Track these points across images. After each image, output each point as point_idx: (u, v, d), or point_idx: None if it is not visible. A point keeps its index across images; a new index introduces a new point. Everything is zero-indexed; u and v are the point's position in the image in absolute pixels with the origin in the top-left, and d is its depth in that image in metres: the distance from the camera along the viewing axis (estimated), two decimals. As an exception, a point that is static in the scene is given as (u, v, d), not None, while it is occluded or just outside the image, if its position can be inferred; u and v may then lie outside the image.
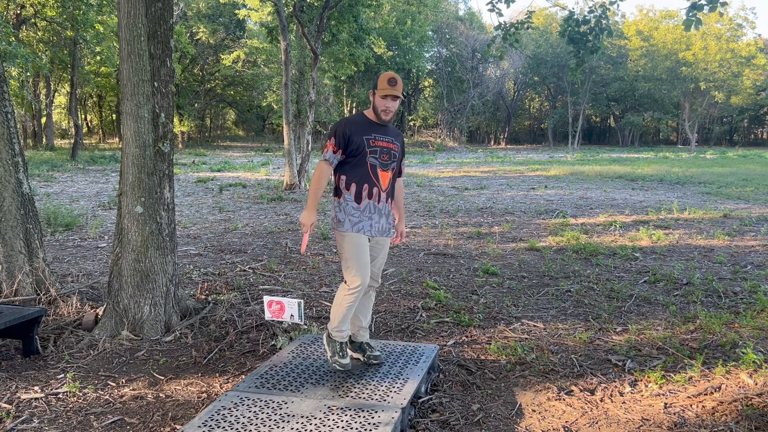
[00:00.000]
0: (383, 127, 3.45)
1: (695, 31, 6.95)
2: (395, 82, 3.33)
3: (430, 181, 17.32)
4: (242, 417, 2.82)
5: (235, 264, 6.61)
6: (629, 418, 3.14)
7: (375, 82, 3.37)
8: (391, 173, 3.46)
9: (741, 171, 21.90)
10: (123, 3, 4.11)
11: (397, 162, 3.49)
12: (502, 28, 8.57)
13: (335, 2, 14.68)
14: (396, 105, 3.38)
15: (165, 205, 4.37)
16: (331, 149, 3.35)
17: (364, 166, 3.36)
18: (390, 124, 3.49)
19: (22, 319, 3.77)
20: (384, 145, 3.40)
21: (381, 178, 3.41)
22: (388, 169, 3.44)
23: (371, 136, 3.37)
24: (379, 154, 3.39)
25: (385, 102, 3.34)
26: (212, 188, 14.72)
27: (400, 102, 3.42)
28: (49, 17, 23.09)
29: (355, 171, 3.36)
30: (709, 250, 7.54)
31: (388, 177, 3.45)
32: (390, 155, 3.43)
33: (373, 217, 3.41)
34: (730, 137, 60.27)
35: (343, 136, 3.33)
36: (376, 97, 3.36)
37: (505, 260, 6.93)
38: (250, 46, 35.92)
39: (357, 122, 3.39)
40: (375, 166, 3.38)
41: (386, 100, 3.34)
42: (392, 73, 3.38)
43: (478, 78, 49.48)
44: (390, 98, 3.34)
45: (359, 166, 3.36)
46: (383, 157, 3.40)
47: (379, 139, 3.39)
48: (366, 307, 3.62)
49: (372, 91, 3.39)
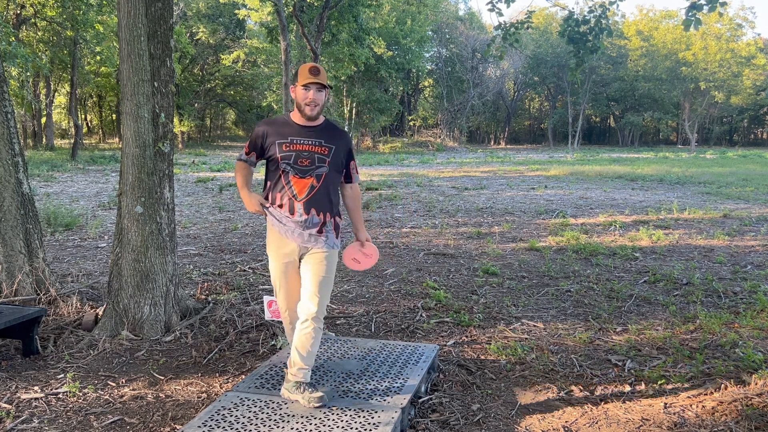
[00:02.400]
0: (308, 129, 3.08)
1: (695, 31, 6.98)
2: (317, 71, 3.01)
3: (430, 181, 17.32)
4: (242, 417, 2.82)
5: (235, 264, 6.61)
6: (629, 417, 3.14)
7: (295, 76, 3.15)
8: (313, 180, 3.04)
9: (741, 171, 21.90)
10: (123, 3, 4.11)
11: (327, 168, 3.07)
12: (502, 27, 8.56)
13: (335, 2, 14.68)
14: (322, 97, 3.03)
15: (165, 205, 4.37)
16: (244, 149, 3.19)
17: (277, 172, 3.07)
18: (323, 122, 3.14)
19: (22, 319, 3.77)
20: (304, 148, 3.03)
21: (295, 187, 3.04)
22: (308, 176, 3.03)
23: (287, 140, 3.04)
24: (295, 159, 3.02)
25: (307, 93, 2.99)
26: (212, 188, 14.72)
27: (327, 94, 3.09)
28: (49, 17, 23.09)
29: (270, 177, 3.11)
30: (709, 250, 7.54)
31: (307, 185, 3.04)
32: (313, 160, 3.03)
33: (296, 230, 3.08)
34: (730, 137, 60.27)
35: (258, 138, 3.09)
36: (297, 90, 3.03)
37: (505, 260, 6.93)
38: (250, 46, 35.95)
39: (276, 123, 3.11)
40: (287, 173, 3.04)
41: (309, 91, 2.99)
42: (313, 63, 3.08)
43: (478, 78, 49.48)
44: (314, 88, 2.98)
45: (273, 172, 3.10)
46: (301, 162, 3.02)
47: (297, 142, 3.04)
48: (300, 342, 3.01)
49: (292, 86, 3.08)
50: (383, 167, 23.89)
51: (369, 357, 3.58)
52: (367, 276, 6.16)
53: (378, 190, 14.62)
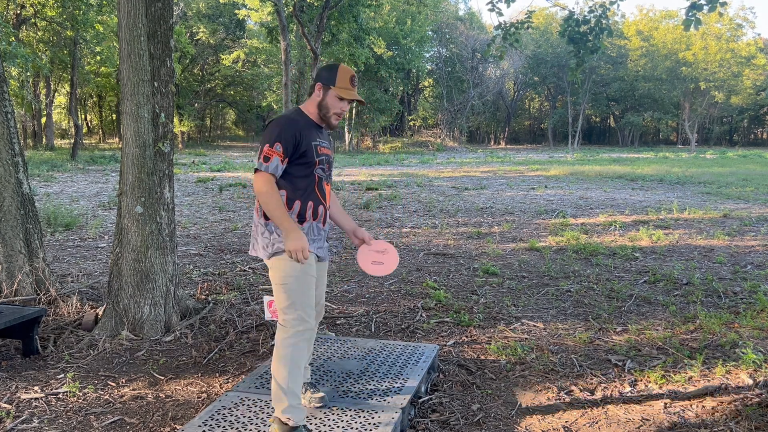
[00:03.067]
0: (322, 131, 2.85)
1: (695, 31, 6.99)
2: (356, 82, 2.80)
3: (430, 181, 17.32)
4: (242, 417, 2.82)
5: (235, 264, 6.61)
6: (629, 418, 3.14)
7: (331, 76, 2.73)
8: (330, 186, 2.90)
9: (741, 171, 21.90)
10: (123, 3, 4.11)
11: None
12: (502, 27, 8.57)
13: (335, 2, 14.69)
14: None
15: (165, 205, 4.37)
16: (277, 158, 2.62)
17: (310, 178, 2.73)
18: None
19: (22, 319, 3.77)
20: (327, 152, 2.83)
21: (326, 194, 2.83)
22: (330, 182, 2.89)
23: (317, 142, 2.76)
24: (325, 164, 2.80)
25: (341, 105, 2.76)
26: (212, 188, 14.72)
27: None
28: (49, 17, 23.09)
29: (299, 185, 2.71)
30: (709, 250, 7.54)
31: (330, 191, 2.89)
32: (330, 165, 2.87)
33: (317, 242, 2.80)
34: (730, 137, 60.29)
35: (293, 141, 2.65)
36: (330, 96, 2.74)
37: (505, 260, 6.93)
38: (250, 46, 35.97)
39: (303, 123, 2.72)
40: (322, 180, 2.79)
41: (343, 103, 2.76)
42: (353, 71, 2.83)
43: (478, 78, 49.50)
44: (346, 102, 2.77)
45: (304, 178, 2.72)
46: (327, 167, 2.82)
47: (323, 145, 2.79)
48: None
49: (324, 84, 2.74)
50: (383, 167, 23.89)
51: (369, 357, 3.58)
52: (366, 276, 6.16)
53: (378, 190, 14.62)
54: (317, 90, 2.75)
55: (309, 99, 2.81)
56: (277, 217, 2.59)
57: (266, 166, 2.62)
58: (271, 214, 2.61)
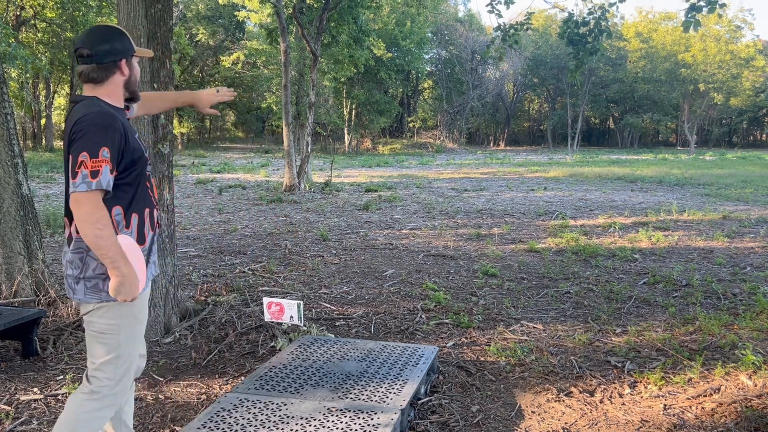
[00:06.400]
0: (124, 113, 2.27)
1: (694, 32, 6.99)
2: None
3: (430, 183, 17.32)
4: (242, 418, 2.82)
5: (234, 265, 6.61)
6: (628, 419, 3.14)
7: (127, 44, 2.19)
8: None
9: (740, 172, 21.91)
10: (122, 4, 4.12)
11: None
12: (501, 29, 8.58)
13: (335, 4, 14.69)
14: None
15: (165, 206, 4.38)
16: (106, 167, 2.00)
17: (141, 182, 2.19)
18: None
19: (21, 320, 3.77)
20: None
21: (154, 190, 2.35)
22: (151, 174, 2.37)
23: (137, 134, 2.24)
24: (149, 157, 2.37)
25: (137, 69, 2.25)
26: (212, 190, 14.72)
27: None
28: (48, 18, 23.12)
29: (130, 193, 2.15)
30: (708, 252, 7.55)
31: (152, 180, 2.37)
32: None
33: (154, 255, 2.32)
34: (729, 139, 60.29)
35: (120, 141, 2.07)
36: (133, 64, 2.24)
37: (505, 262, 6.93)
38: (250, 48, 35.95)
39: (119, 118, 2.12)
40: (150, 177, 2.28)
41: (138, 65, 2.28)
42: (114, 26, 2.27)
43: (477, 79, 49.52)
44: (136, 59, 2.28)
45: (134, 184, 2.16)
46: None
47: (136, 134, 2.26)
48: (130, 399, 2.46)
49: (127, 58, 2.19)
50: (383, 168, 23.91)
51: (368, 358, 3.58)
52: (366, 277, 6.16)
53: (377, 191, 14.62)
54: (122, 68, 2.18)
55: (106, 85, 2.17)
56: (111, 256, 1.99)
57: (93, 182, 1.96)
58: (105, 252, 1.98)
